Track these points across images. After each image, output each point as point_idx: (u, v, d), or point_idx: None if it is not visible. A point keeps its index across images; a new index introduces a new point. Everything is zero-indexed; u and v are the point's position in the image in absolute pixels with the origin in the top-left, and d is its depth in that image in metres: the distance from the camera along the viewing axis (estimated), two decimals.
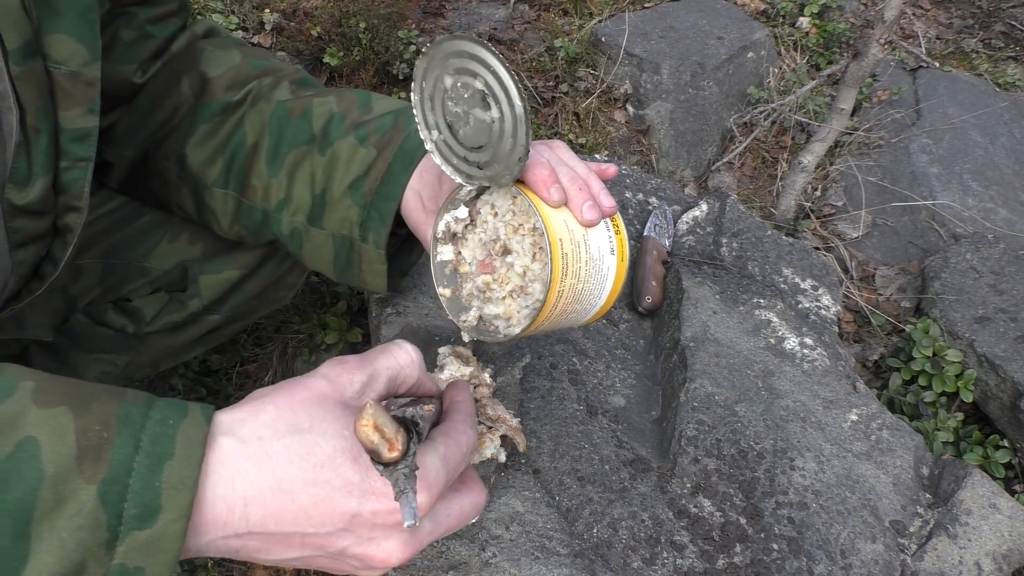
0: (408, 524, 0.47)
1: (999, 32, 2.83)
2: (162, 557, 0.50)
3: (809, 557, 1.00)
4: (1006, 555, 1.06)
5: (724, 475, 1.06)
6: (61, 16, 0.74)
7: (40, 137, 0.74)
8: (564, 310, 0.76)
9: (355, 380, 0.58)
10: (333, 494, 0.52)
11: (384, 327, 1.17)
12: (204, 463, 0.51)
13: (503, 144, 0.71)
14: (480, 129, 0.72)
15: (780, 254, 1.48)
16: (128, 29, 0.96)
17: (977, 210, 2.04)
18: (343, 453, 0.53)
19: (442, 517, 0.59)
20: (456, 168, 0.76)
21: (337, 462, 0.52)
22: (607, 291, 0.81)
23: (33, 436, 0.48)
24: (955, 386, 1.55)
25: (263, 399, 0.57)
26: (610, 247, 0.79)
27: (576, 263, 0.74)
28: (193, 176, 1.00)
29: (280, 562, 0.56)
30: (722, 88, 2.28)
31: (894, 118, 2.30)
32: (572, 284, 0.75)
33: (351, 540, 0.54)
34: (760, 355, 1.25)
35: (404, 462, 0.48)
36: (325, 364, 0.60)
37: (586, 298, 0.78)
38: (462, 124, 0.73)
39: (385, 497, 0.53)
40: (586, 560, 0.94)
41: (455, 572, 0.90)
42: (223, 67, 1.00)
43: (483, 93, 0.69)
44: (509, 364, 1.06)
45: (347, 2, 2.21)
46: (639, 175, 1.62)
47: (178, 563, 0.55)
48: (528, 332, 0.76)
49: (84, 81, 0.76)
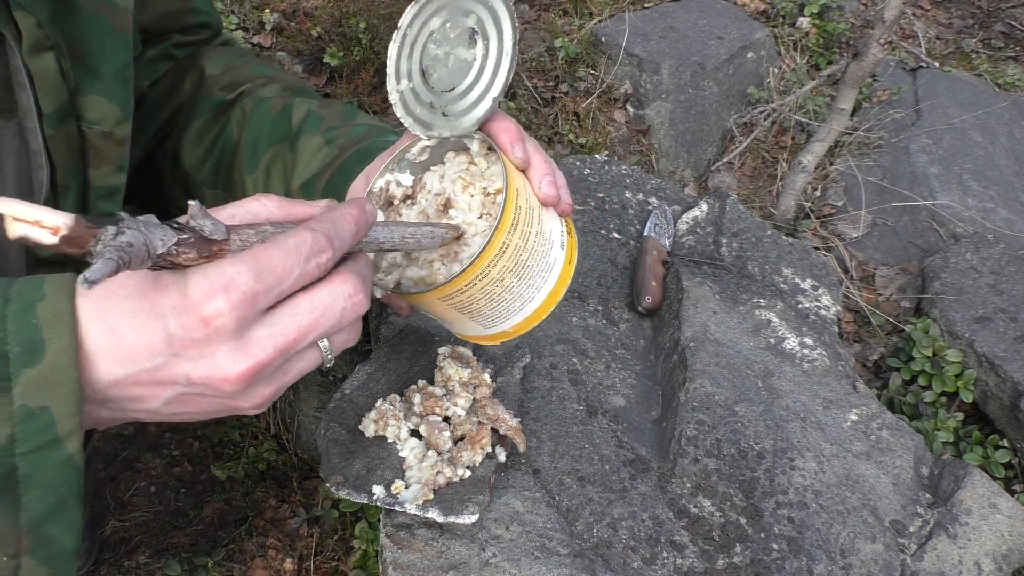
0: (82, 283, 0.43)
1: (999, 32, 2.83)
2: (62, 393, 0.51)
3: (809, 557, 1.00)
4: (1006, 555, 1.06)
5: (724, 475, 1.06)
6: (98, 78, 0.75)
7: (68, 195, 0.75)
8: (500, 279, 0.70)
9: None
10: (146, 320, 0.52)
11: (384, 327, 1.17)
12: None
13: (479, 84, 0.70)
14: (458, 69, 0.71)
15: (780, 254, 1.48)
16: (155, 48, 0.98)
17: (977, 210, 2.04)
18: (145, 279, 0.53)
19: (286, 320, 0.55)
20: (417, 119, 0.75)
21: (142, 288, 0.53)
22: (548, 285, 0.75)
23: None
24: (955, 386, 1.56)
25: None
26: (561, 240, 0.76)
27: (526, 225, 0.70)
28: (185, 175, 1.00)
29: (167, 414, 0.56)
30: (722, 88, 2.28)
31: (894, 118, 2.30)
32: (518, 245, 0.69)
33: (187, 364, 0.53)
34: (760, 355, 1.25)
35: (99, 243, 0.45)
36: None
37: (526, 278, 0.72)
38: (439, 67, 0.72)
39: (189, 310, 0.51)
40: (586, 560, 0.94)
41: (455, 572, 0.90)
42: (222, 67, 1.00)
43: (472, 31, 0.70)
44: (509, 364, 1.06)
45: (347, 2, 2.21)
46: (639, 175, 1.62)
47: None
48: (456, 285, 0.69)
49: (115, 140, 0.78)
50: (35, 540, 0.54)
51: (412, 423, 0.96)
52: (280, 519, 1.49)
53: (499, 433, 0.96)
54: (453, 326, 0.79)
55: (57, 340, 0.51)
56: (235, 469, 1.54)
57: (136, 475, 1.52)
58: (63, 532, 0.55)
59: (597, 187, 1.56)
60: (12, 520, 0.53)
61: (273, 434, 1.61)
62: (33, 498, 0.53)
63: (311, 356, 0.59)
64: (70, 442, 0.52)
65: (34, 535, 0.54)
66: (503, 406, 0.97)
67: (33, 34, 0.68)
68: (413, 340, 1.10)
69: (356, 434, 0.96)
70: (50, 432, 0.51)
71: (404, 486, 0.89)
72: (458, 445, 0.94)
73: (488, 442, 0.93)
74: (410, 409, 0.97)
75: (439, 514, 0.87)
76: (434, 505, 0.88)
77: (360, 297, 0.58)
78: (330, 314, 0.56)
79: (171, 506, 1.49)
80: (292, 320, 0.55)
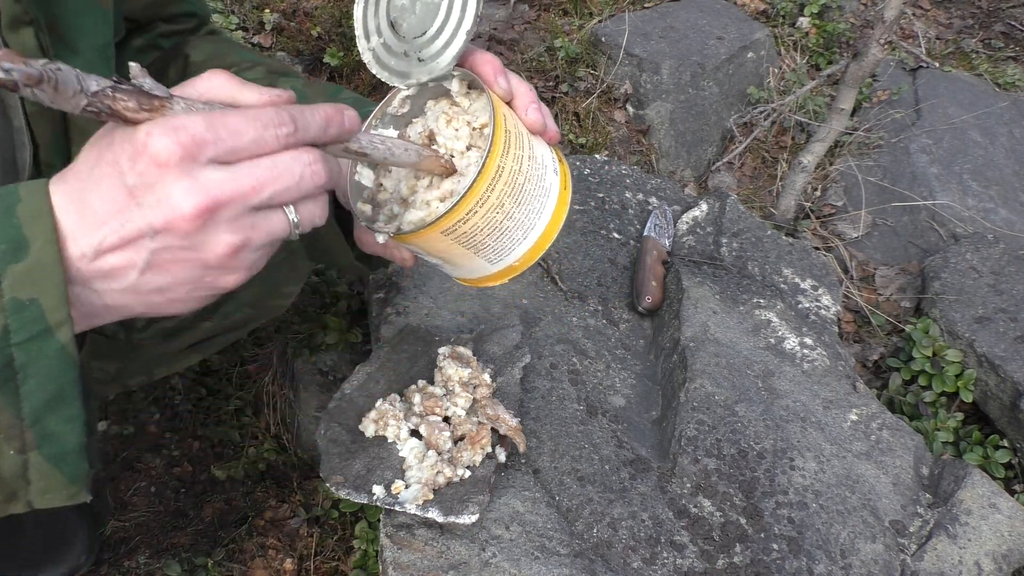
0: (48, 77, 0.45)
1: (999, 32, 2.83)
2: (49, 284, 0.53)
3: (809, 557, 1.00)
4: (1006, 555, 1.06)
5: (724, 475, 1.06)
6: (78, 54, 0.75)
7: (52, 172, 0.75)
8: (500, 205, 0.69)
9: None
10: (109, 182, 0.54)
11: (384, 327, 1.17)
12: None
13: (449, 22, 0.70)
14: (427, 13, 0.71)
15: (780, 254, 1.48)
16: (141, 38, 0.98)
17: (977, 210, 2.04)
18: (100, 143, 0.55)
19: (243, 168, 0.55)
20: (393, 71, 0.75)
21: (99, 153, 0.55)
22: (548, 210, 0.74)
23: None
24: (955, 386, 1.55)
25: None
26: (554, 167, 0.75)
27: (518, 149, 0.70)
28: None
29: (146, 291, 0.57)
30: (722, 88, 2.28)
31: (894, 118, 2.30)
32: (512, 169, 0.69)
33: (148, 212, 0.53)
34: (760, 355, 1.25)
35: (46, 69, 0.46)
36: None
37: (525, 203, 0.71)
38: (407, 15, 0.73)
39: (139, 154, 0.52)
40: (586, 560, 0.94)
41: (455, 572, 0.90)
42: (207, 54, 1.01)
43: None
44: (509, 364, 1.06)
45: (347, 2, 2.21)
46: (639, 175, 1.62)
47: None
48: (457, 215, 0.67)
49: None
50: (39, 435, 0.56)
51: (412, 423, 0.96)
52: (280, 519, 1.49)
53: (499, 433, 0.96)
54: (460, 268, 0.77)
55: (39, 236, 0.53)
56: (235, 469, 1.54)
57: (136, 475, 1.52)
58: (65, 426, 0.57)
59: (597, 187, 1.56)
60: (14, 411, 0.55)
61: (273, 434, 1.61)
62: (31, 388, 0.55)
63: (277, 218, 0.59)
64: (61, 332, 0.54)
65: (37, 428, 0.56)
66: (503, 406, 0.97)
67: (11, 9, 0.68)
68: (413, 340, 1.10)
69: (356, 434, 0.96)
70: (41, 322, 0.54)
71: (404, 486, 0.89)
72: (458, 445, 0.94)
73: (488, 442, 0.93)
74: (410, 409, 0.97)
75: (439, 514, 0.87)
76: (434, 505, 0.88)
77: (320, 167, 0.58)
78: (289, 175, 0.57)
79: (171, 506, 1.49)
80: (249, 170, 0.55)
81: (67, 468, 0.58)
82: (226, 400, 1.62)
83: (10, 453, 0.56)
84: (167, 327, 1.12)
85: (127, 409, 1.61)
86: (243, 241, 0.57)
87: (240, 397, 1.63)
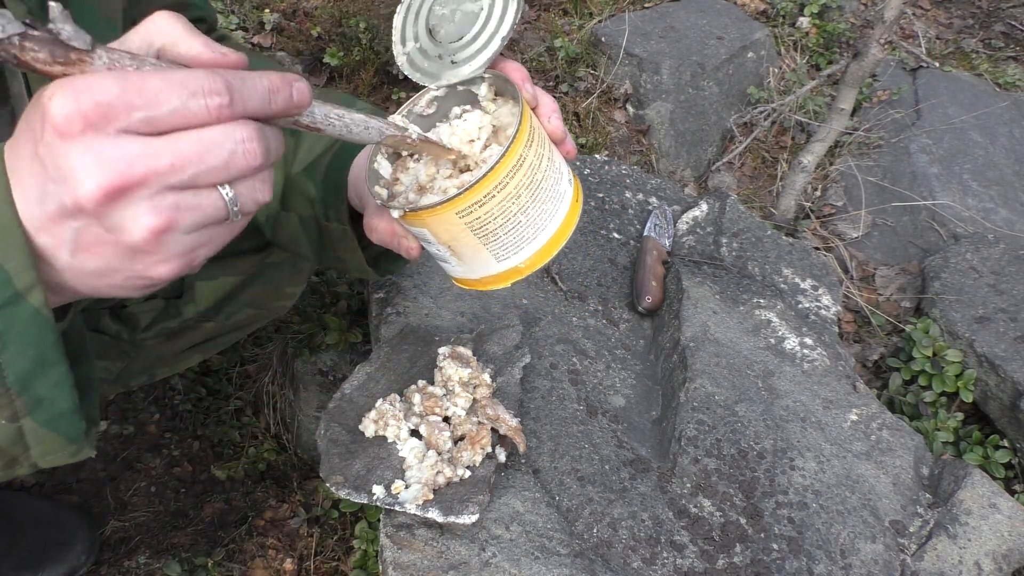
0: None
1: (999, 32, 2.83)
2: (11, 248, 0.50)
3: (809, 557, 1.00)
4: (1006, 555, 1.06)
5: (724, 475, 1.06)
6: None
7: None
8: (517, 195, 0.70)
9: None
10: (24, 146, 0.50)
11: (384, 327, 1.17)
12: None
13: (487, 29, 0.73)
14: (465, 21, 0.74)
15: (780, 254, 1.48)
16: None
17: (977, 210, 2.04)
18: (27, 113, 0.50)
19: (161, 142, 0.49)
20: (425, 72, 0.76)
21: (26, 120, 0.50)
22: (560, 216, 0.74)
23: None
24: (955, 386, 1.55)
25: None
26: (568, 176, 0.77)
27: (540, 147, 0.71)
28: None
29: (82, 273, 0.53)
30: (722, 88, 2.28)
31: (894, 118, 2.30)
32: (533, 163, 0.70)
33: (60, 188, 0.48)
34: (760, 355, 1.25)
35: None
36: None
37: (540, 201, 0.72)
38: (446, 23, 0.75)
39: (44, 119, 0.47)
40: (586, 560, 0.94)
41: (455, 572, 0.90)
42: None
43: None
44: (509, 364, 1.05)
45: (347, 2, 2.21)
46: (639, 175, 1.62)
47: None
48: (474, 196, 0.68)
49: None
50: (29, 401, 0.55)
51: (412, 423, 0.96)
52: (280, 519, 1.49)
53: (499, 433, 0.96)
54: (464, 264, 0.77)
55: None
56: (235, 469, 1.54)
57: (136, 475, 1.52)
58: (54, 391, 0.55)
59: (597, 187, 1.56)
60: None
61: (273, 434, 1.61)
62: (11, 356, 0.53)
63: (210, 199, 0.52)
64: (32, 296, 0.52)
65: (27, 396, 0.54)
66: (503, 406, 0.97)
67: (22, 19, 0.68)
68: (413, 340, 1.10)
69: (356, 434, 0.96)
70: (8, 288, 0.51)
71: (404, 486, 0.89)
72: (458, 445, 0.94)
73: (488, 442, 0.93)
74: (410, 409, 0.97)
75: (439, 514, 0.87)
76: (434, 505, 0.88)
77: (255, 145, 0.51)
78: (217, 152, 0.50)
79: (171, 506, 1.49)
80: (169, 146, 0.49)
81: (64, 429, 0.57)
82: (226, 400, 1.62)
83: (2, 422, 0.55)
84: (170, 328, 1.12)
85: (127, 409, 1.61)
86: (166, 223, 0.50)
87: (240, 397, 1.63)
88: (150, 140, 0.48)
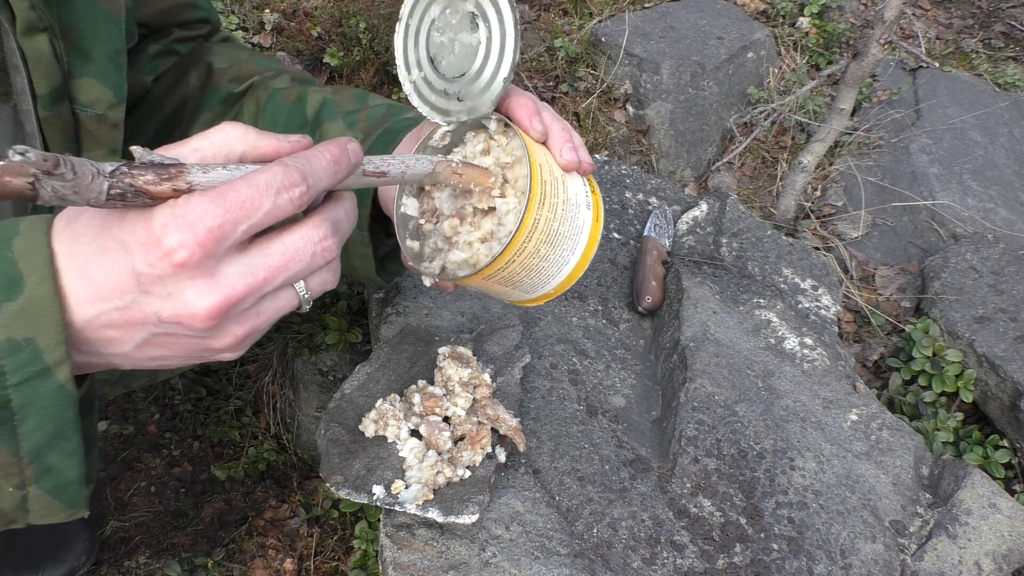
0: (12, 154, 0.43)
1: (999, 32, 2.83)
2: (45, 323, 0.52)
3: (809, 557, 1.00)
4: (1006, 555, 1.06)
5: (724, 475, 1.06)
6: (91, 61, 0.76)
7: None
8: (536, 251, 0.74)
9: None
10: (114, 258, 0.52)
11: (384, 327, 1.17)
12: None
13: (488, 67, 0.71)
14: (465, 55, 0.72)
15: (780, 254, 1.48)
16: (156, 44, 0.99)
17: (977, 210, 2.04)
18: (111, 217, 0.52)
19: (257, 259, 0.54)
20: (434, 107, 0.76)
21: (107, 225, 0.52)
22: (581, 247, 0.78)
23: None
24: (955, 386, 1.56)
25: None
26: (586, 201, 0.78)
27: (553, 197, 0.73)
28: None
29: (141, 358, 0.56)
30: (722, 88, 2.28)
31: (894, 118, 2.30)
32: (548, 218, 0.73)
33: (157, 302, 0.52)
34: (760, 355, 1.25)
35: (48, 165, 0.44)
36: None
37: (560, 245, 0.76)
38: (446, 54, 0.73)
39: (153, 245, 0.50)
40: (586, 560, 0.94)
41: (455, 572, 0.90)
42: (229, 61, 1.02)
43: (472, 14, 0.70)
44: (509, 364, 1.05)
45: (347, 2, 2.21)
46: (639, 175, 1.62)
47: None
48: (497, 265, 0.73)
49: (109, 123, 0.78)
50: (39, 470, 0.55)
51: (412, 423, 0.96)
52: (280, 519, 1.49)
53: (499, 433, 0.96)
54: (499, 296, 0.82)
55: (35, 272, 0.52)
56: (235, 469, 1.54)
57: (136, 475, 1.52)
58: (65, 461, 0.56)
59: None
60: (12, 451, 0.54)
61: (273, 434, 1.61)
62: (30, 428, 0.53)
63: (286, 297, 0.58)
64: (59, 371, 0.53)
65: (37, 465, 0.55)
66: (503, 406, 0.96)
67: (27, 16, 0.68)
68: (413, 340, 1.10)
69: (356, 434, 0.96)
70: (38, 363, 0.52)
71: (404, 486, 0.89)
72: (458, 445, 0.94)
73: (488, 442, 0.93)
74: (410, 409, 0.97)
75: (439, 514, 0.87)
76: (434, 505, 0.88)
77: (331, 242, 0.57)
78: (301, 257, 0.56)
79: (171, 506, 1.49)
80: (263, 260, 0.54)
81: (66, 497, 0.58)
82: (226, 400, 1.62)
83: (9, 490, 0.55)
84: None
85: (127, 409, 1.61)
86: (250, 330, 0.56)
87: (240, 397, 1.63)
88: (248, 255, 0.54)
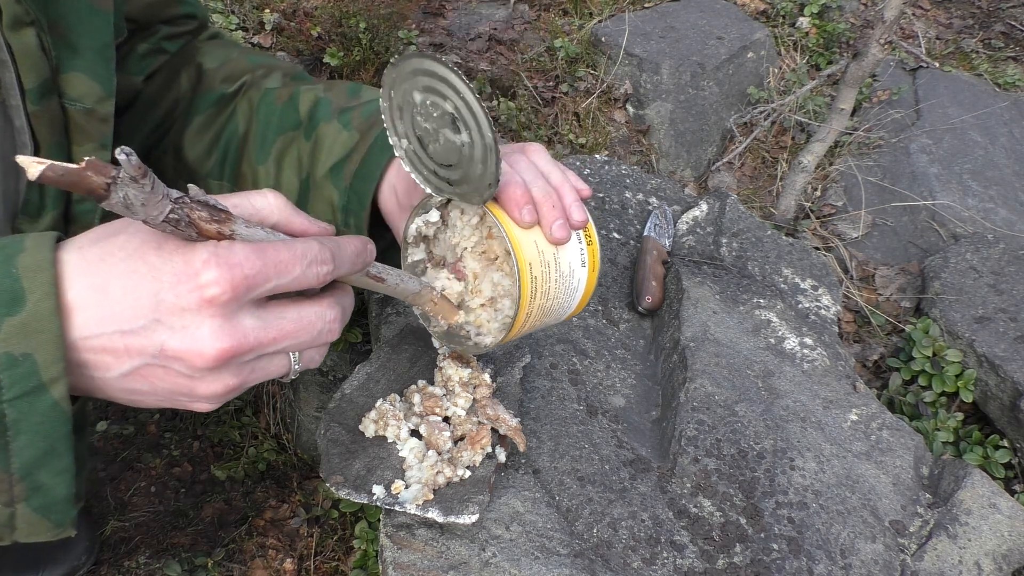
0: (119, 153, 0.44)
1: (999, 32, 2.83)
2: (44, 339, 0.52)
3: (809, 557, 1.00)
4: (1006, 555, 1.06)
5: (724, 475, 1.06)
6: (79, 55, 0.75)
7: None
8: (533, 325, 0.80)
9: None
10: (139, 282, 0.53)
11: (384, 327, 1.17)
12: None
13: (473, 168, 0.70)
14: (450, 149, 0.71)
15: (780, 254, 1.48)
16: (145, 43, 0.98)
17: (977, 210, 2.04)
18: (148, 243, 0.54)
19: (272, 318, 0.56)
20: (426, 179, 0.76)
21: (143, 251, 0.54)
22: (577, 301, 0.83)
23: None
24: (955, 386, 1.56)
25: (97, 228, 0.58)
26: (581, 260, 0.80)
27: (545, 283, 0.76)
28: (189, 168, 1.00)
29: (118, 388, 0.56)
30: (722, 88, 2.28)
31: (894, 118, 2.30)
32: (541, 304, 0.77)
33: (165, 333, 0.53)
34: (760, 355, 1.25)
35: (126, 177, 0.46)
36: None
37: (555, 311, 0.81)
38: (432, 140, 0.72)
39: (188, 278, 0.52)
40: (586, 560, 0.94)
41: (455, 572, 0.90)
42: (219, 60, 1.01)
43: (453, 116, 0.68)
44: (509, 364, 1.05)
45: (347, 2, 2.21)
46: (639, 175, 1.62)
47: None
48: (501, 343, 0.79)
49: (98, 118, 0.78)
50: (28, 487, 0.55)
51: (412, 423, 0.96)
52: (280, 519, 1.49)
53: (499, 433, 0.96)
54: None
55: (37, 289, 0.52)
56: (235, 469, 1.54)
57: (136, 475, 1.52)
58: (55, 479, 0.56)
59: (597, 187, 1.56)
60: (3, 466, 0.53)
61: (273, 434, 1.61)
62: (22, 444, 0.53)
63: (279, 362, 0.60)
64: (55, 388, 0.53)
65: (27, 482, 0.54)
66: (503, 406, 0.96)
67: (12, 9, 0.68)
68: (413, 340, 1.10)
69: (356, 434, 0.96)
70: (34, 379, 0.52)
71: (404, 486, 0.89)
72: (458, 445, 0.94)
73: (488, 442, 0.93)
74: (410, 409, 0.97)
75: (439, 514, 0.87)
76: (434, 505, 0.88)
77: (337, 325, 0.61)
78: (310, 329, 0.58)
79: (171, 506, 1.49)
80: (277, 321, 0.56)
81: (55, 516, 0.57)
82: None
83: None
84: None
85: (127, 409, 1.61)
86: (240, 384, 0.57)
87: (240, 397, 1.63)
88: (266, 311, 0.56)
